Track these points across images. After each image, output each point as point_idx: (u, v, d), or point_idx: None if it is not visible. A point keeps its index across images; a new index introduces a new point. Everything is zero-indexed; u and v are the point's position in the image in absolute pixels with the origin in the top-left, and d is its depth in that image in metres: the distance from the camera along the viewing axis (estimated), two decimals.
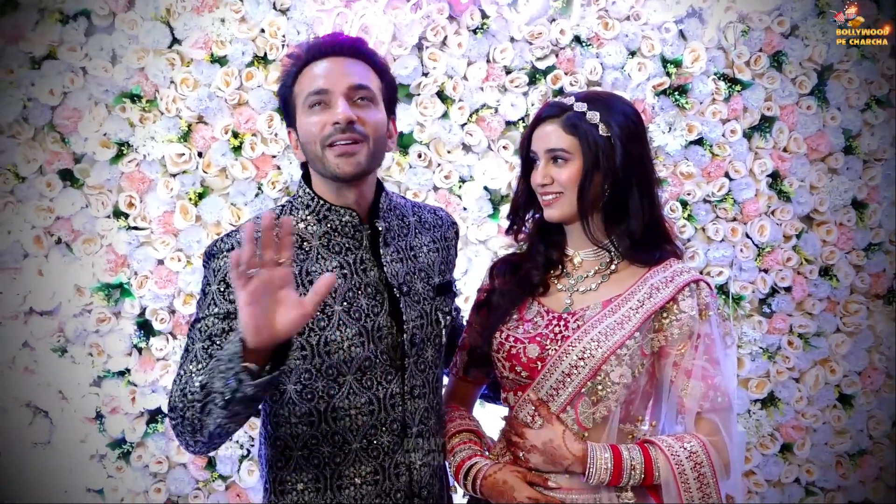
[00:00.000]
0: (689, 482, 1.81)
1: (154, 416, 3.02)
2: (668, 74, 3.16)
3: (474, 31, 3.05)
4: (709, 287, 1.90)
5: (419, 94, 3.03)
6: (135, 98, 2.92)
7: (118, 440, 3.01)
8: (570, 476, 1.88)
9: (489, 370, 2.03)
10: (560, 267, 1.99)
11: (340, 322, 1.86)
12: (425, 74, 3.04)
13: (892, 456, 3.45)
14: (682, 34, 3.18)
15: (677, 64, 3.17)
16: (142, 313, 2.99)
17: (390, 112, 1.95)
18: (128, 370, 2.99)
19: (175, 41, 2.93)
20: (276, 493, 1.96)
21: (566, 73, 3.10)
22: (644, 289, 1.89)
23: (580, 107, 1.88)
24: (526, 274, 1.99)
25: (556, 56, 3.11)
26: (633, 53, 3.14)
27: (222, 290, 1.83)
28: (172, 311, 2.99)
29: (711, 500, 1.82)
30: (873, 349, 3.42)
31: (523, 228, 2.03)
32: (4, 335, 2.93)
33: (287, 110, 1.93)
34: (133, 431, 2.99)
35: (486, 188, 3.10)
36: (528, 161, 1.97)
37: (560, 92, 3.09)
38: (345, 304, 1.88)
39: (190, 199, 2.96)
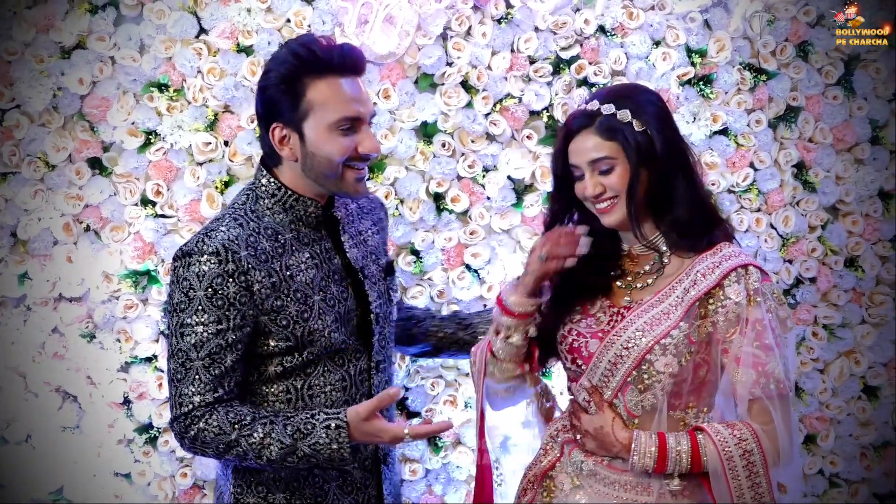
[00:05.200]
0: (738, 470, 1.81)
1: None
2: (693, 64, 3.15)
3: (499, 21, 3.05)
4: (760, 271, 1.88)
5: (443, 84, 3.04)
6: (162, 87, 2.95)
7: (145, 425, 3.04)
8: (624, 461, 1.92)
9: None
10: (619, 266, 2.02)
11: (320, 311, 1.98)
12: (449, 64, 3.04)
13: None
14: (707, 24, 3.17)
15: (702, 54, 3.16)
16: None
17: None
18: (154, 356, 3.02)
19: (202, 31, 2.96)
20: (248, 471, 2.04)
21: (590, 63, 3.10)
22: (690, 276, 1.89)
23: (608, 109, 1.88)
24: (584, 280, 2.02)
25: (581, 46, 3.11)
26: (657, 43, 3.13)
27: (210, 295, 1.89)
28: None
29: (761, 488, 1.82)
30: None
31: None
32: (35, 321, 2.97)
33: (283, 106, 1.96)
34: (160, 417, 3.03)
35: (509, 178, 3.11)
36: (563, 176, 1.97)
37: (584, 82, 3.09)
38: (321, 293, 1.99)
39: (216, 187, 2.99)
